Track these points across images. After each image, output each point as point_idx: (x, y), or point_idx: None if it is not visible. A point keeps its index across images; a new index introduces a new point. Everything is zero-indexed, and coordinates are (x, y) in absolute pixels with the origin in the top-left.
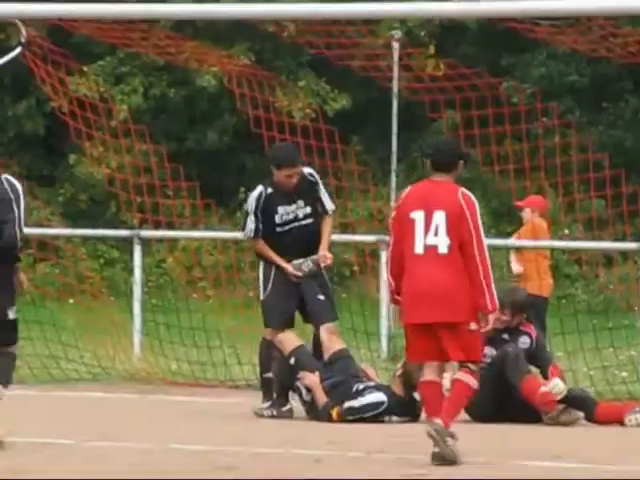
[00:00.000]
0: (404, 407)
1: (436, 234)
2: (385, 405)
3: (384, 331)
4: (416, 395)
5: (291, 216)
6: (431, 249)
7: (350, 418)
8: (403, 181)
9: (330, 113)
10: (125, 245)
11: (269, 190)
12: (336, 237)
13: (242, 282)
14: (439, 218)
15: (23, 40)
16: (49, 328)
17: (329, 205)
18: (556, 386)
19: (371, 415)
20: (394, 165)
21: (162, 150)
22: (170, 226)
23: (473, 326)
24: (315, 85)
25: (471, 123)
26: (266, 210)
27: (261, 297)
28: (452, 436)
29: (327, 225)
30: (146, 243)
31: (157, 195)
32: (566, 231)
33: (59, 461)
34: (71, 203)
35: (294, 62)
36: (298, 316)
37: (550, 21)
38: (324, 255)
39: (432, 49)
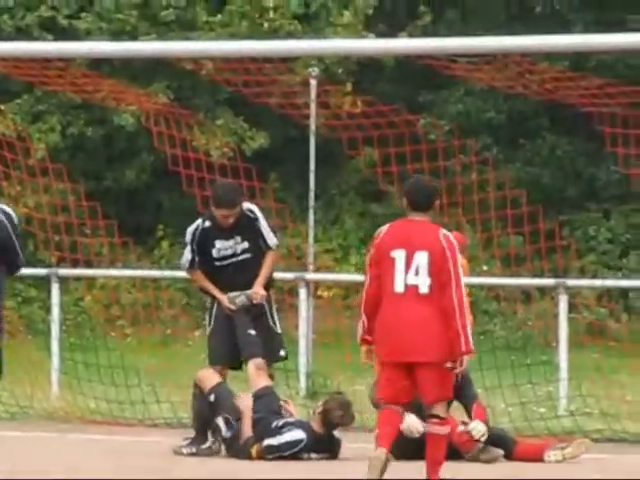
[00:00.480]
0: (323, 444)
1: (417, 273)
2: (304, 443)
3: (302, 369)
4: (335, 433)
5: (229, 251)
6: (412, 288)
7: (269, 456)
8: (321, 218)
9: (248, 152)
10: (43, 283)
11: (207, 224)
12: None
13: (160, 320)
14: (421, 258)
15: None
16: None
17: (271, 240)
18: (475, 429)
19: (290, 453)
20: (312, 202)
21: (80, 189)
22: (88, 264)
23: (448, 365)
24: (233, 124)
25: (389, 160)
26: (202, 243)
27: (207, 333)
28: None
29: (267, 260)
30: (64, 281)
31: (75, 233)
32: (484, 267)
33: None
34: None
35: (212, 100)
36: None
37: (467, 58)
38: (255, 292)
39: (349, 86)
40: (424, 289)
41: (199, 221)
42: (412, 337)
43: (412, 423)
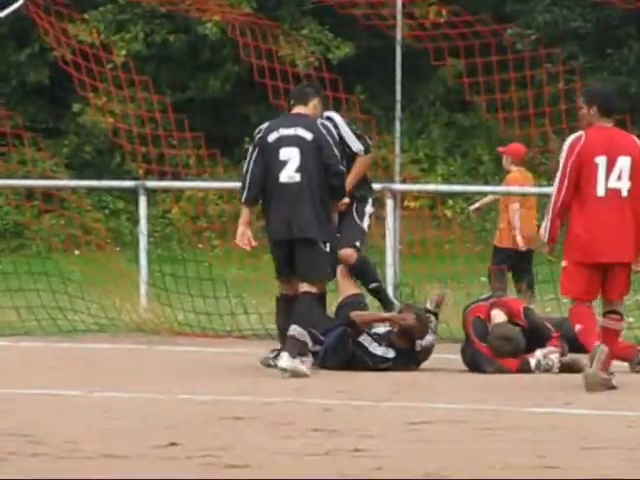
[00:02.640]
0: (408, 357)
1: (619, 178)
2: (390, 362)
3: (390, 280)
4: (417, 345)
5: None
6: (614, 192)
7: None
8: (407, 129)
9: (333, 61)
10: (130, 196)
11: None
12: None
13: None
14: (624, 163)
15: None
16: (55, 280)
17: (355, 146)
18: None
19: (374, 366)
20: (398, 113)
21: (166, 100)
22: (175, 176)
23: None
24: (318, 33)
25: (475, 70)
26: None
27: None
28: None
29: (355, 165)
30: (151, 194)
31: (162, 145)
32: None
33: (68, 413)
34: (76, 154)
35: (297, 10)
36: None
37: None
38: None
39: None
40: (624, 193)
41: None
42: (613, 239)
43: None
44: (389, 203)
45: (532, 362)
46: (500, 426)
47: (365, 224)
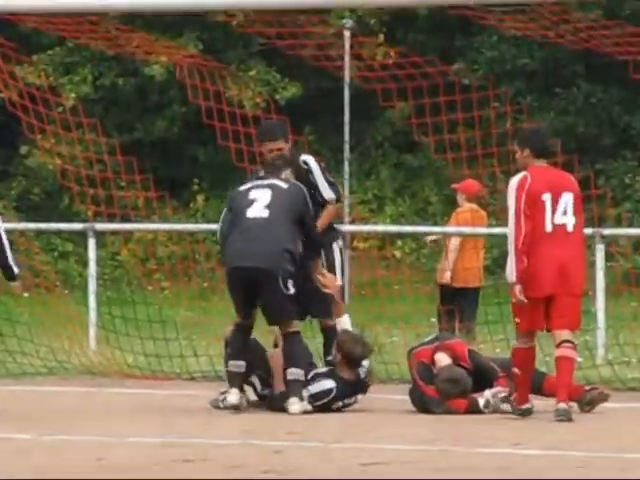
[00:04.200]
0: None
1: (564, 213)
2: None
3: None
4: (361, 371)
5: None
6: (560, 227)
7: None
8: (356, 170)
9: (281, 102)
10: (79, 238)
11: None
12: None
13: (197, 273)
14: (567, 199)
15: None
16: (4, 322)
17: (327, 194)
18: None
19: (321, 403)
20: (347, 154)
21: (114, 142)
22: (124, 218)
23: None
24: (265, 75)
25: (423, 111)
26: None
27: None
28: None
29: (325, 212)
30: (100, 236)
31: (111, 187)
32: None
33: (17, 457)
34: (24, 196)
35: (244, 52)
36: None
37: (500, 7)
38: None
39: (382, 37)
40: (570, 228)
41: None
42: (559, 272)
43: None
44: (338, 242)
45: (481, 402)
46: (450, 467)
47: (337, 267)
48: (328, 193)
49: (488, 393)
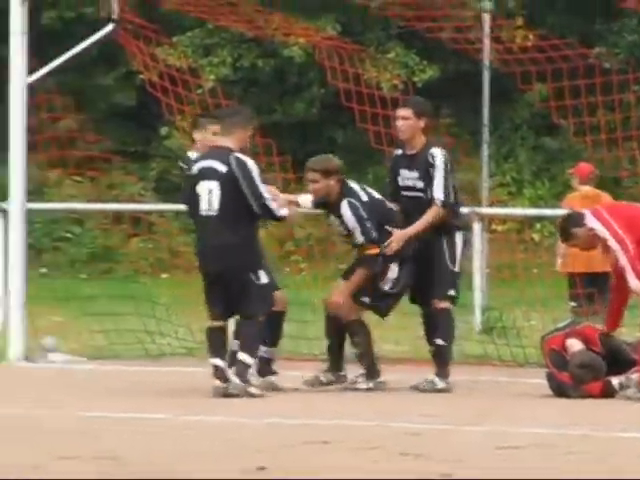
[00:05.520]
0: None
1: None
2: None
3: (477, 303)
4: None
5: (409, 182)
6: None
7: None
8: (494, 152)
9: (419, 84)
10: None
11: (399, 151)
12: None
13: (334, 255)
14: None
15: (115, 17)
16: (143, 303)
17: (436, 193)
18: None
19: None
20: (486, 137)
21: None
22: None
23: None
24: (404, 57)
25: (562, 94)
26: (392, 168)
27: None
28: None
29: (429, 212)
30: None
31: None
32: None
33: (153, 436)
34: (163, 178)
35: (382, 34)
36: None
37: None
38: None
39: (520, 20)
40: None
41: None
42: None
43: None
44: (476, 226)
45: (616, 384)
46: (586, 451)
47: (458, 257)
48: (439, 193)
49: (623, 376)
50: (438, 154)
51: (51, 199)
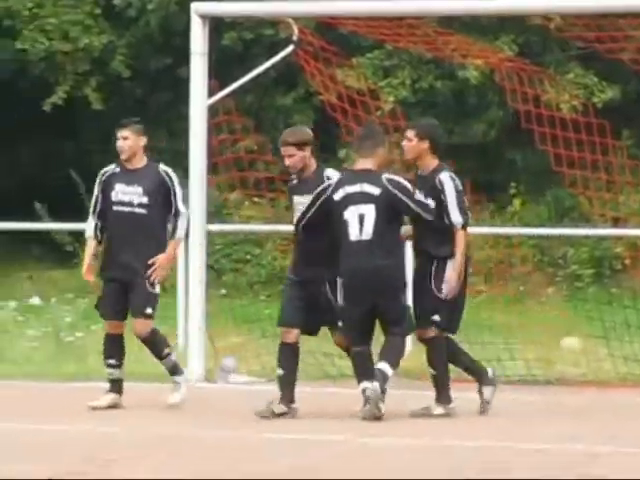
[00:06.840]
0: None
1: None
2: None
3: None
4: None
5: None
6: None
7: None
8: None
9: (599, 104)
10: None
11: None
12: (607, 231)
13: (513, 277)
14: None
15: (295, 38)
16: None
17: (453, 218)
18: None
19: None
20: None
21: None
22: None
23: None
24: (583, 78)
25: None
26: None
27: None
28: None
29: (456, 242)
30: None
31: None
32: None
33: (340, 458)
34: None
35: (562, 55)
36: None
37: None
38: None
39: None
40: None
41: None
42: None
43: None
44: None
45: None
46: None
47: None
48: (456, 217)
49: None
50: (446, 179)
51: (230, 221)
